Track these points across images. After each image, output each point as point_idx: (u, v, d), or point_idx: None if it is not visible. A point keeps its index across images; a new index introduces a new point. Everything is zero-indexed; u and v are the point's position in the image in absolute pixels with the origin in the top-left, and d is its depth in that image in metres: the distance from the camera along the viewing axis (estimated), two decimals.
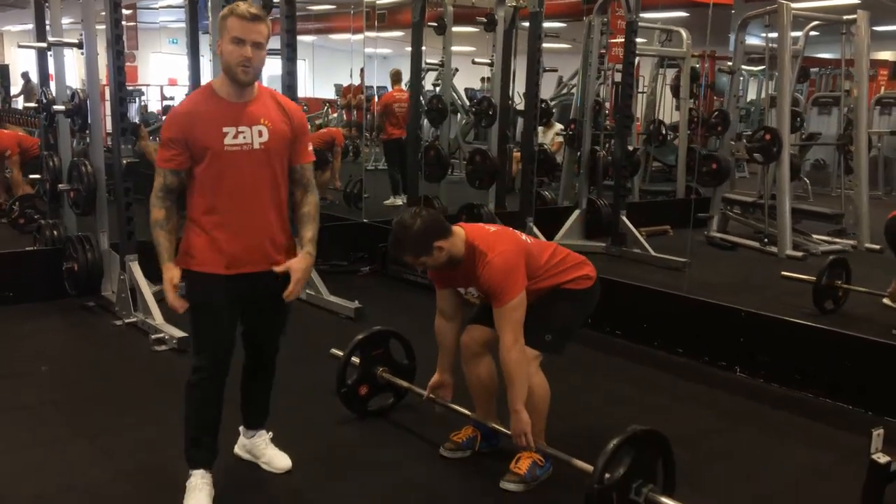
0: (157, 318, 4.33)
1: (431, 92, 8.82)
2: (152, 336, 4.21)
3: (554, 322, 2.78)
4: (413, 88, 6.88)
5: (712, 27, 6.78)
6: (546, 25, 6.80)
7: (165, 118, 2.61)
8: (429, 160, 6.65)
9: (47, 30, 5.22)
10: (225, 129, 2.42)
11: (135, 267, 4.56)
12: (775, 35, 6.62)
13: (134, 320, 4.48)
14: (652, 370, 4.10)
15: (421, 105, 7.20)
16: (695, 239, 6.57)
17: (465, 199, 6.47)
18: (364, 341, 3.26)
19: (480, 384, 2.91)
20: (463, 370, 2.93)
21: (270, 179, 2.51)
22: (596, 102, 7.30)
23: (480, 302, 2.85)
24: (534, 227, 6.17)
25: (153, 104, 16.26)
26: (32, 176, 6.06)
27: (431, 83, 9.24)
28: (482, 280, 2.64)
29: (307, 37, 14.38)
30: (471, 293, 2.79)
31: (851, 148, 7.14)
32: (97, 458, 2.94)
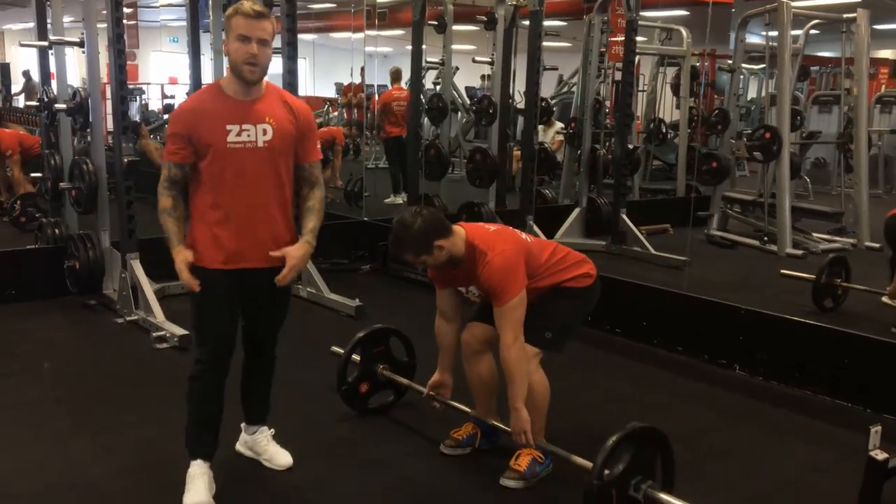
0: (159, 316, 4.34)
1: (432, 90, 8.84)
2: (153, 334, 4.23)
3: (554, 320, 2.79)
4: (413, 87, 6.88)
5: (712, 25, 6.79)
6: (546, 24, 6.80)
7: (172, 113, 2.65)
8: (429, 158, 6.66)
9: (48, 28, 5.22)
10: (229, 127, 2.45)
11: (136, 265, 4.57)
12: (775, 33, 6.61)
13: (135, 318, 4.50)
14: (652, 368, 4.11)
15: (421, 103, 7.21)
16: (695, 237, 6.57)
17: (466, 198, 6.48)
18: (365, 339, 3.28)
19: (481, 381, 2.92)
20: (463, 368, 2.94)
21: (274, 177, 2.53)
22: (596, 101, 7.31)
23: (481, 300, 2.86)
24: (534, 226, 6.18)
25: (154, 103, 16.28)
26: (34, 174, 6.07)
27: (432, 82, 9.25)
28: (482, 279, 2.66)
29: (308, 35, 14.38)
30: (471, 292, 2.81)
31: (851, 146, 7.13)
32: (99, 456, 2.95)
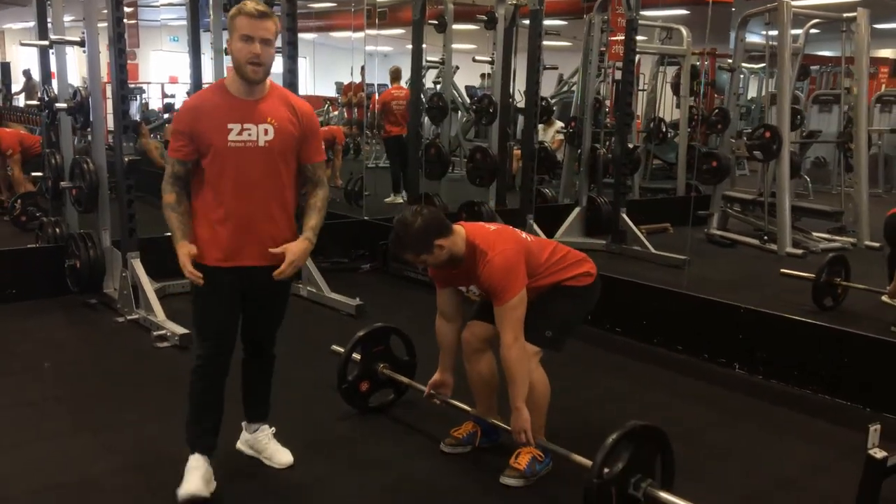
0: (159, 315, 4.35)
1: (432, 89, 8.84)
2: (154, 333, 4.24)
3: (554, 318, 2.79)
4: (414, 86, 6.89)
5: (713, 25, 6.79)
6: (546, 23, 6.80)
7: (177, 110, 2.68)
8: (429, 158, 6.66)
9: (49, 28, 5.23)
10: (230, 126, 2.47)
11: (137, 264, 4.58)
12: (775, 33, 6.61)
13: (136, 317, 4.50)
14: (651, 367, 4.12)
15: (422, 103, 7.21)
16: (695, 236, 6.58)
17: (466, 197, 6.49)
18: (365, 338, 3.28)
19: (481, 380, 2.92)
20: (464, 366, 2.95)
21: (274, 177, 2.55)
22: (596, 100, 7.32)
23: (481, 299, 2.87)
24: (534, 225, 6.19)
25: (154, 102, 16.29)
26: (34, 174, 6.08)
27: (432, 81, 9.25)
28: (483, 279, 2.66)
29: (308, 34, 14.39)
30: (472, 291, 2.81)
31: (851, 145, 7.14)
32: (100, 454, 2.96)
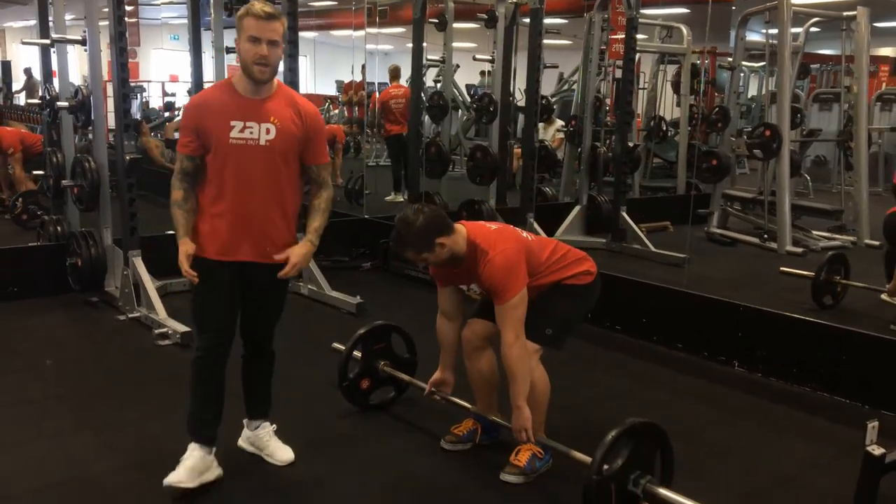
0: (161, 313, 4.36)
1: (433, 88, 8.85)
2: (156, 331, 4.25)
3: (554, 317, 2.80)
4: (414, 85, 6.89)
5: (713, 23, 6.80)
6: (547, 22, 6.81)
7: (185, 106, 2.72)
8: (430, 156, 6.67)
9: (50, 26, 5.23)
10: (233, 123, 2.51)
11: (138, 262, 4.59)
12: (776, 31, 6.62)
13: (137, 315, 4.51)
14: (651, 365, 4.13)
15: (422, 101, 7.22)
16: (695, 235, 6.59)
17: (466, 196, 6.50)
18: (366, 335, 3.29)
19: (481, 377, 2.94)
20: (464, 364, 2.96)
21: (273, 176, 2.58)
22: (596, 99, 7.33)
23: (482, 298, 2.88)
24: (534, 223, 6.20)
25: (154, 100, 16.30)
26: (36, 172, 6.09)
27: (433, 79, 9.26)
28: (484, 278, 2.67)
29: (308, 33, 14.40)
30: (473, 290, 2.82)
31: (851, 144, 7.15)
32: (101, 452, 2.97)
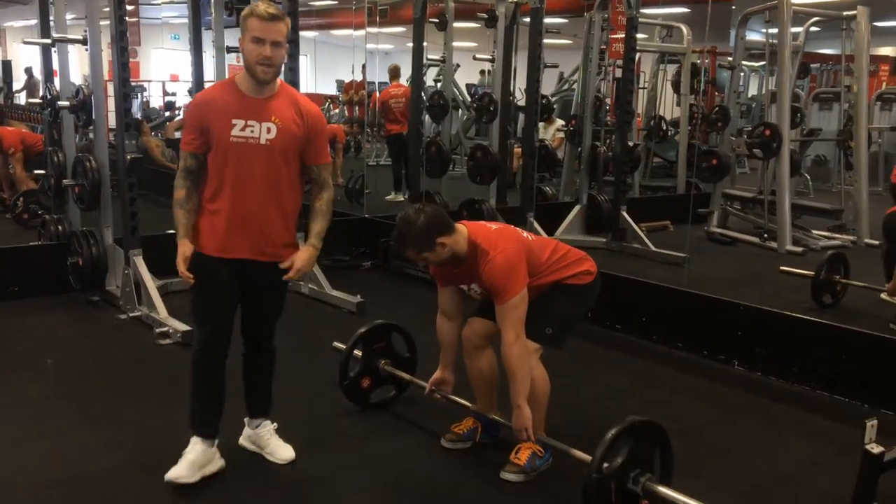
0: (162, 312, 4.36)
1: (433, 88, 8.86)
2: (157, 330, 4.26)
3: (555, 316, 2.81)
4: (415, 84, 6.90)
5: (713, 23, 6.80)
6: (547, 21, 6.82)
7: (188, 103, 2.75)
8: (430, 156, 6.68)
9: (51, 26, 5.24)
10: (234, 121, 2.53)
11: (139, 261, 4.59)
12: (776, 31, 6.63)
13: (138, 314, 4.52)
14: (651, 364, 4.13)
15: (422, 101, 7.22)
16: (695, 234, 6.60)
17: (467, 195, 6.51)
18: (366, 334, 3.30)
19: (481, 376, 2.94)
20: (464, 363, 2.97)
21: (273, 176, 2.60)
22: (597, 98, 7.33)
23: (482, 297, 2.88)
24: (534, 223, 6.21)
25: (155, 100, 16.31)
26: (37, 171, 6.10)
27: (433, 79, 9.27)
28: (484, 278, 2.68)
29: (309, 32, 14.41)
30: (473, 290, 2.83)
31: (851, 144, 7.16)
32: (102, 450, 2.98)
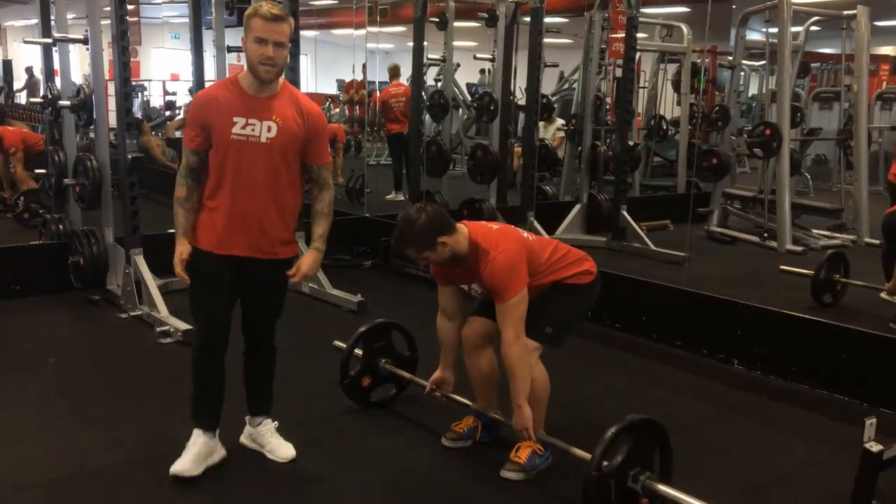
0: (163, 311, 4.37)
1: (433, 87, 8.87)
2: (157, 329, 4.27)
3: (555, 316, 2.82)
4: (415, 84, 6.91)
5: (713, 22, 6.80)
6: (547, 21, 6.83)
7: (191, 101, 2.77)
8: (430, 155, 6.69)
9: (52, 25, 5.24)
10: (235, 119, 2.55)
11: (140, 260, 4.60)
12: (776, 30, 6.63)
13: (139, 313, 4.53)
14: (651, 362, 4.14)
15: (423, 100, 7.23)
16: (695, 233, 6.60)
17: (467, 194, 6.51)
18: (367, 333, 3.30)
19: (481, 375, 2.95)
20: (465, 361, 2.97)
21: (272, 174, 2.61)
22: (597, 98, 7.34)
23: (482, 297, 2.89)
24: (535, 222, 6.22)
25: (155, 99, 16.33)
26: (38, 171, 6.11)
27: (433, 78, 9.28)
28: (485, 277, 2.69)
29: (309, 32, 14.42)
30: (474, 289, 2.84)
31: (852, 143, 7.16)
32: (103, 449, 2.98)
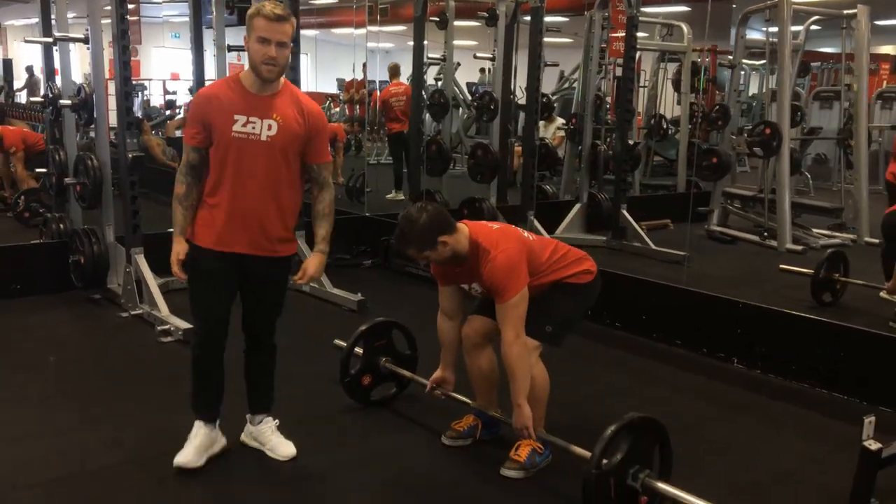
0: (163, 310, 4.38)
1: (433, 86, 8.87)
2: (158, 327, 4.27)
3: (555, 315, 2.82)
4: (415, 83, 6.92)
5: (713, 21, 6.81)
6: (547, 20, 6.83)
7: (192, 98, 2.79)
8: (431, 154, 6.69)
9: (53, 25, 5.25)
10: (236, 117, 2.56)
11: (140, 260, 4.61)
12: (776, 29, 6.64)
13: (140, 312, 4.54)
14: (651, 362, 4.15)
15: (423, 99, 7.23)
16: (695, 233, 6.61)
17: (467, 193, 6.52)
18: (367, 332, 3.31)
19: (481, 374, 2.96)
20: (464, 360, 2.98)
21: (273, 172, 2.63)
22: (597, 97, 7.34)
23: (483, 296, 2.90)
24: (535, 221, 6.22)
25: (156, 99, 16.34)
26: (38, 170, 6.12)
27: (433, 77, 9.28)
28: (485, 277, 2.69)
29: (310, 31, 14.42)
30: (474, 289, 2.85)
31: (852, 142, 7.17)
32: (106, 446, 2.99)
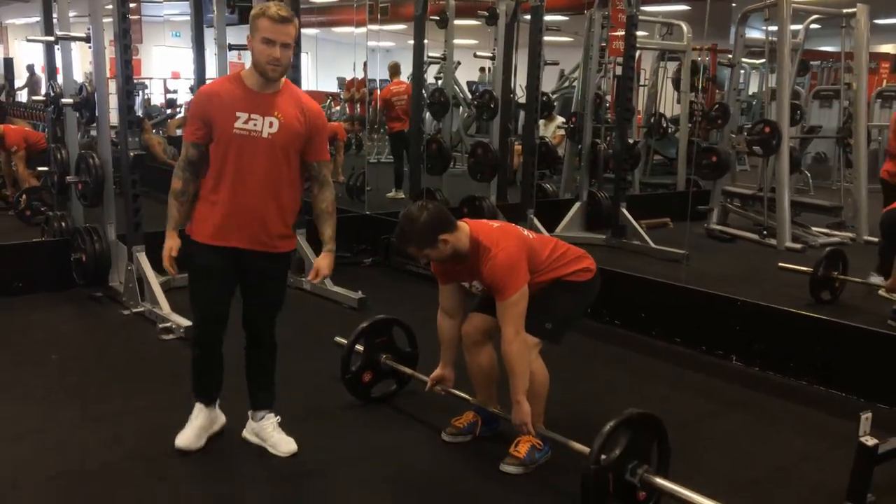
0: (165, 308, 4.40)
1: (434, 85, 8.89)
2: (160, 325, 4.28)
3: (554, 312, 2.84)
4: (415, 82, 6.93)
5: (713, 20, 6.82)
6: (547, 19, 6.85)
7: (194, 94, 2.82)
8: (431, 153, 6.71)
9: (54, 23, 5.26)
10: (238, 114, 2.60)
11: (142, 258, 4.63)
12: (775, 28, 6.65)
13: (141, 310, 4.55)
14: (650, 359, 4.16)
15: (423, 98, 7.25)
16: (694, 231, 6.63)
17: (467, 192, 6.54)
18: (368, 329, 3.33)
19: (481, 371, 2.98)
20: (464, 357, 3.00)
21: (273, 169, 2.66)
22: (597, 95, 7.36)
23: (483, 294, 2.92)
24: (535, 220, 6.24)
25: (156, 97, 16.36)
26: (40, 168, 6.14)
27: (434, 76, 9.29)
28: (485, 275, 2.71)
29: (310, 30, 14.44)
30: (475, 286, 2.86)
31: (851, 141, 7.18)
32: (108, 443, 3.01)
